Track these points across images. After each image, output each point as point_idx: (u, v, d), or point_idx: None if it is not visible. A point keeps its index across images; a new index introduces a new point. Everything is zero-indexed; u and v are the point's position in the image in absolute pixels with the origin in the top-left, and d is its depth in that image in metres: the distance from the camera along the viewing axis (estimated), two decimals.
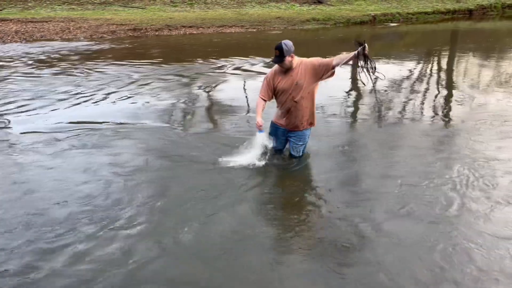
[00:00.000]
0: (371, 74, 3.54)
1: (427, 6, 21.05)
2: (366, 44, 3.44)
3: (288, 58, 3.78)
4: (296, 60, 3.89)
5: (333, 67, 3.72)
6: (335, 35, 14.90)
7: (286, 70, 3.90)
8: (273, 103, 4.26)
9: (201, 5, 20.11)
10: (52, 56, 10.44)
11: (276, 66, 4.00)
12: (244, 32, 15.05)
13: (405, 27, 17.20)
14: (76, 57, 10.27)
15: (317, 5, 20.60)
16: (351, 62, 3.71)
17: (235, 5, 20.25)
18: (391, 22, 18.25)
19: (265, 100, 4.05)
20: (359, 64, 3.54)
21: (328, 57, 3.81)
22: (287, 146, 4.37)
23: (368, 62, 3.50)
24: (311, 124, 4.16)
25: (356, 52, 3.49)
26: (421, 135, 5.17)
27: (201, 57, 10.31)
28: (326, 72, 3.79)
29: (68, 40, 13.02)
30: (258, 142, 4.04)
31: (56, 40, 13.00)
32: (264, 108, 4.06)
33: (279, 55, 3.75)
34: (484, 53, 11.19)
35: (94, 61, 9.74)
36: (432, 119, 5.79)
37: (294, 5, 20.60)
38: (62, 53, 10.78)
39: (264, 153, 4.13)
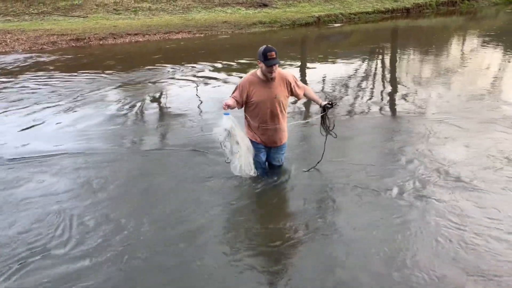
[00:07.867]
0: (327, 129, 3.88)
1: (368, 6, 21.84)
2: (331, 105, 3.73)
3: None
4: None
5: (301, 97, 3.87)
6: (282, 37, 15.12)
7: (266, 81, 3.52)
8: None
9: (146, 12, 19.71)
10: None
11: (249, 76, 3.60)
12: (192, 37, 14.91)
13: (349, 27, 17.75)
14: (13, 71, 9.73)
15: (263, 8, 20.82)
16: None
17: (180, 11, 20.04)
18: (335, 23, 18.79)
19: (236, 101, 3.57)
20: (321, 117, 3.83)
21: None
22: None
23: (326, 120, 3.83)
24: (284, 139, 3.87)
25: (321, 105, 3.75)
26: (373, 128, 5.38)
27: (149, 64, 10.09)
28: (294, 95, 3.76)
29: (5, 53, 12.33)
30: (223, 124, 3.56)
31: None
32: (234, 107, 3.60)
33: (276, 57, 3.34)
34: (423, 48, 11.81)
35: (32, 74, 9.27)
36: (379, 112, 6.03)
37: (240, 9, 20.69)
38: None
39: (227, 136, 3.59)
